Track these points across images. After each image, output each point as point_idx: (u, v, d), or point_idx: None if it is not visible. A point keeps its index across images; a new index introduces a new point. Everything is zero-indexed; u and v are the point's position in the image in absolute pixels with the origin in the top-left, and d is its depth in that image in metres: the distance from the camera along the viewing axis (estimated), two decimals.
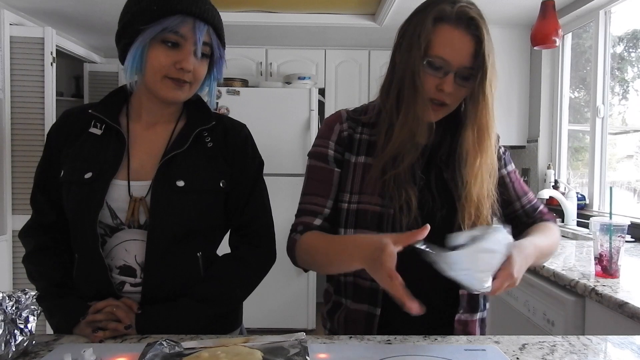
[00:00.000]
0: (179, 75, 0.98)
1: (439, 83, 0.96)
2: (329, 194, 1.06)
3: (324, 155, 1.08)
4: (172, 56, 0.97)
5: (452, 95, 0.97)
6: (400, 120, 0.99)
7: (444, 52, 0.94)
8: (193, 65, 0.99)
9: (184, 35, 0.97)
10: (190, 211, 1.02)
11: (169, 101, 1.04)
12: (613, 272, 1.51)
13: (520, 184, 1.17)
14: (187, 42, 0.98)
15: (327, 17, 3.28)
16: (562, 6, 2.76)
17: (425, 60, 0.95)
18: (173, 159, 1.02)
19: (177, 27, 0.96)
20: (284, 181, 3.39)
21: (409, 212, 0.99)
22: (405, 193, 0.99)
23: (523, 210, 1.15)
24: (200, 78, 1.03)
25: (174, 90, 1.00)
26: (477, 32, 0.94)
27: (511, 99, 3.15)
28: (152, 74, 0.99)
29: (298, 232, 1.05)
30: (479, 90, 0.96)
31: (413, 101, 0.97)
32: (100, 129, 1.05)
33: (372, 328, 1.03)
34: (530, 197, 1.17)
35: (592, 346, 0.91)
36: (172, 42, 0.97)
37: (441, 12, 0.94)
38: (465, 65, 0.95)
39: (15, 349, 0.80)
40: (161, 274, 1.00)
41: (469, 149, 1.00)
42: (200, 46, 0.98)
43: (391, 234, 0.85)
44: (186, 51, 0.98)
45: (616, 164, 2.76)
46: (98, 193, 0.98)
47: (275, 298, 3.45)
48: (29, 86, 2.90)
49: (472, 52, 0.94)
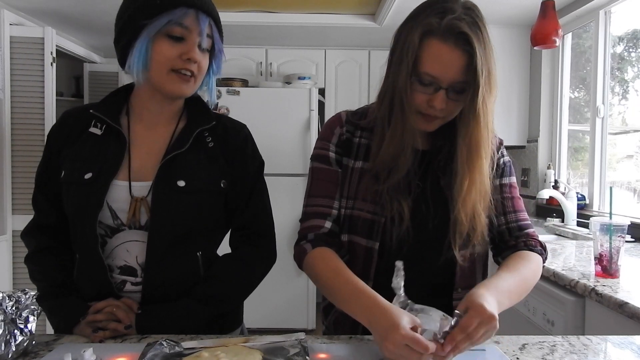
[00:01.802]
0: (186, 66, 0.98)
1: (429, 99, 0.92)
2: (335, 195, 1.05)
3: (326, 157, 1.07)
4: (178, 48, 0.97)
5: (445, 110, 0.93)
6: (390, 133, 0.97)
7: (432, 68, 0.89)
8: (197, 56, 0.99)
9: (189, 27, 0.97)
10: (190, 211, 1.01)
11: (174, 96, 1.03)
12: (613, 272, 1.51)
13: (515, 200, 1.09)
14: (191, 34, 0.98)
15: (327, 17, 3.28)
16: (562, 6, 2.76)
17: (414, 77, 0.91)
18: (174, 159, 1.02)
19: (182, 19, 0.96)
20: (283, 181, 3.39)
21: (401, 223, 0.98)
22: (398, 204, 0.98)
23: (507, 227, 1.07)
24: (203, 71, 1.03)
25: (180, 84, 1.00)
26: (468, 47, 0.87)
27: (511, 99, 3.15)
28: (158, 69, 0.98)
29: (308, 240, 1.02)
30: (470, 109, 0.91)
31: (401, 116, 0.94)
32: (100, 129, 1.05)
33: (357, 331, 1.02)
34: (521, 216, 1.09)
35: (592, 346, 0.91)
36: (177, 35, 0.97)
37: (429, 26, 0.89)
38: (457, 80, 0.90)
39: (15, 349, 0.80)
40: (161, 273, 1.00)
41: (458, 168, 0.97)
42: (205, 37, 0.99)
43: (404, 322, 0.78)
44: (191, 42, 0.98)
45: (616, 164, 2.76)
46: (98, 193, 0.98)
47: (275, 298, 3.45)
48: (29, 86, 2.91)
49: (463, 66, 0.89)
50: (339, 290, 0.93)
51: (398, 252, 0.99)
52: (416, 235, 0.99)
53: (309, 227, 1.04)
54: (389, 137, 0.97)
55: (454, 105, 0.93)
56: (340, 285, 0.92)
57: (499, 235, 1.08)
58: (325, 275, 0.97)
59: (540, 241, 1.07)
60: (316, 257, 0.99)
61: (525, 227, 1.08)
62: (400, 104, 0.94)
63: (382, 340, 0.78)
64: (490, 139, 0.97)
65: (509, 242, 1.07)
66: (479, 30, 0.89)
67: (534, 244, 1.05)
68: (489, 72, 0.90)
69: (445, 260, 1.01)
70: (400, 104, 0.94)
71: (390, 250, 1.00)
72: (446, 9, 0.89)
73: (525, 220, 1.09)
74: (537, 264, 1.02)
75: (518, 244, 1.05)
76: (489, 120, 0.94)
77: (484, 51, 0.89)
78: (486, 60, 0.89)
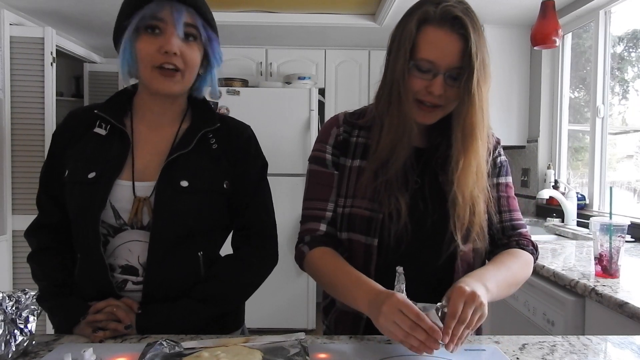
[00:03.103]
0: (166, 60, 0.97)
1: (428, 85, 0.94)
2: (330, 197, 1.06)
3: (322, 159, 1.08)
4: (156, 42, 0.97)
5: (443, 96, 0.95)
6: (388, 122, 0.98)
7: (429, 54, 0.92)
8: (179, 48, 0.97)
9: (164, 19, 0.96)
10: (193, 211, 1.01)
11: (162, 93, 1.02)
12: (613, 272, 1.51)
13: (510, 200, 1.10)
14: (167, 25, 0.97)
15: (327, 17, 3.28)
16: (562, 6, 2.76)
17: (412, 63, 0.93)
18: (177, 159, 1.02)
19: (156, 12, 0.96)
20: (283, 181, 3.39)
21: (398, 219, 0.98)
22: (395, 200, 0.98)
23: (501, 225, 1.08)
24: (192, 64, 1.01)
25: (164, 81, 0.99)
26: (463, 31, 0.91)
27: (511, 99, 3.15)
28: (142, 67, 0.99)
29: (305, 243, 1.05)
30: (465, 90, 0.93)
31: (398, 104, 0.96)
32: (105, 129, 1.05)
33: (357, 330, 1.03)
34: (515, 216, 1.09)
35: (592, 346, 0.91)
36: (153, 27, 0.97)
37: (425, 14, 0.92)
38: (453, 66, 0.92)
39: (15, 349, 0.80)
40: (162, 273, 1.00)
41: (453, 150, 0.98)
42: (181, 27, 0.97)
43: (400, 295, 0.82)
44: (168, 34, 0.97)
45: (616, 164, 2.76)
46: (101, 193, 0.98)
47: (275, 298, 3.45)
48: (29, 86, 2.91)
49: (459, 51, 0.91)
50: (340, 282, 0.95)
51: (396, 249, 0.99)
52: (414, 231, 1.00)
53: (305, 230, 1.07)
54: (386, 127, 0.98)
55: (452, 92, 0.95)
56: (341, 277, 0.95)
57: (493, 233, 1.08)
58: (326, 271, 0.99)
59: (532, 241, 1.08)
60: (316, 256, 1.02)
61: (518, 227, 1.09)
62: (398, 92, 0.95)
63: (378, 312, 0.80)
64: (485, 123, 0.97)
65: (502, 240, 1.08)
66: (472, 18, 0.93)
67: (525, 243, 1.06)
68: (483, 60, 0.93)
69: (445, 258, 1.01)
70: (397, 93, 0.95)
71: (388, 247, 1.00)
72: (440, 0, 0.93)
73: (519, 220, 1.10)
74: (526, 261, 1.03)
75: (510, 242, 1.06)
76: (484, 105, 0.95)
77: (478, 38, 0.92)
78: (480, 47, 0.92)
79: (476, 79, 0.92)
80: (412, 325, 0.77)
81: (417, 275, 0.94)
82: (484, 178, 1.01)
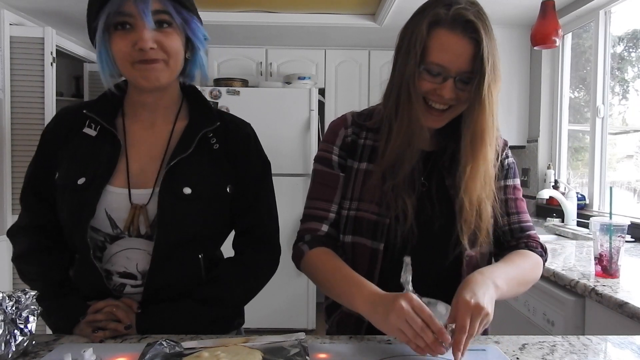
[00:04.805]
0: (143, 57, 0.92)
1: (438, 89, 0.93)
2: (334, 199, 1.05)
3: (328, 159, 1.07)
4: (129, 39, 0.91)
5: (453, 100, 0.94)
6: (397, 126, 0.97)
7: (440, 58, 0.91)
8: (154, 38, 0.91)
9: (130, 13, 0.90)
10: (197, 218, 0.99)
11: (151, 89, 0.98)
12: (613, 272, 1.51)
13: (518, 202, 1.09)
14: (136, 19, 0.91)
15: (327, 17, 3.28)
16: (562, 6, 2.76)
17: (422, 67, 0.92)
18: (178, 163, 0.98)
19: (119, 6, 0.90)
20: (283, 181, 3.39)
21: (405, 222, 0.98)
22: (402, 202, 0.97)
23: (509, 227, 1.07)
24: (173, 51, 0.94)
25: (149, 75, 0.93)
26: (475, 35, 0.89)
27: (511, 99, 3.15)
28: (122, 67, 0.94)
29: (305, 242, 1.04)
30: (475, 96, 0.92)
31: (408, 107, 0.95)
32: (94, 129, 1.01)
33: (359, 332, 1.03)
34: (523, 218, 1.08)
35: (592, 346, 0.91)
36: (122, 23, 0.91)
37: (436, 16, 0.91)
38: (464, 70, 0.91)
39: (15, 349, 0.80)
40: (163, 277, 0.99)
41: (461, 155, 0.97)
42: (149, 17, 0.90)
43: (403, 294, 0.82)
44: (139, 28, 0.91)
45: (616, 164, 2.76)
46: (90, 200, 0.95)
47: (275, 298, 3.45)
48: (29, 86, 2.91)
49: (470, 55, 0.90)
50: (339, 285, 0.94)
51: (402, 251, 0.99)
52: (421, 234, 0.99)
53: (306, 229, 1.06)
54: (395, 130, 0.97)
55: (462, 96, 0.94)
56: (339, 280, 0.94)
57: (500, 237, 1.08)
58: (324, 272, 0.98)
59: (541, 243, 1.07)
60: (315, 256, 1.01)
61: (527, 229, 1.08)
62: (407, 95, 0.94)
63: (387, 312, 0.79)
64: (495, 127, 0.97)
65: (510, 242, 1.07)
66: (484, 21, 0.91)
67: (534, 245, 1.05)
68: (494, 64, 0.92)
69: (451, 261, 1.00)
70: (407, 95, 0.94)
71: (394, 250, 1.00)
72: (452, 2, 0.92)
73: (528, 222, 1.09)
74: (536, 262, 1.03)
75: (519, 244, 1.05)
76: (494, 110, 0.95)
77: (490, 42, 0.91)
78: (492, 51, 0.91)
79: (487, 83, 0.91)
80: (422, 326, 0.77)
81: (422, 278, 0.93)
82: (491, 183, 1.00)
